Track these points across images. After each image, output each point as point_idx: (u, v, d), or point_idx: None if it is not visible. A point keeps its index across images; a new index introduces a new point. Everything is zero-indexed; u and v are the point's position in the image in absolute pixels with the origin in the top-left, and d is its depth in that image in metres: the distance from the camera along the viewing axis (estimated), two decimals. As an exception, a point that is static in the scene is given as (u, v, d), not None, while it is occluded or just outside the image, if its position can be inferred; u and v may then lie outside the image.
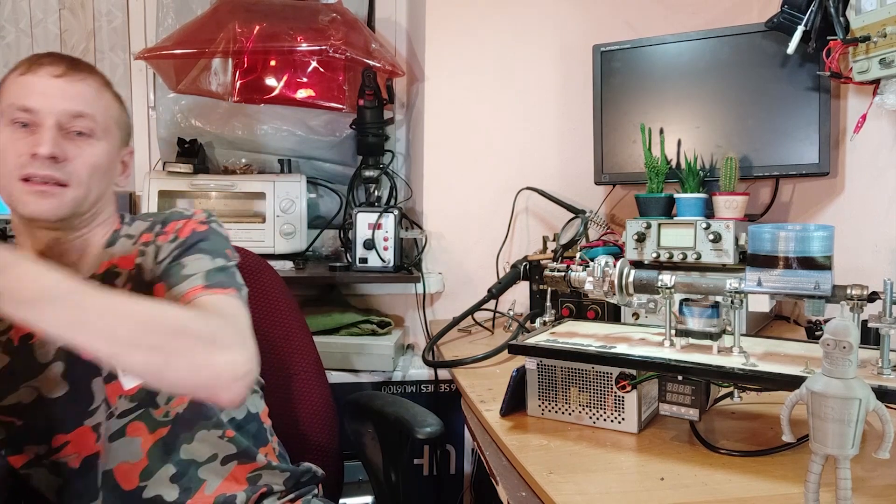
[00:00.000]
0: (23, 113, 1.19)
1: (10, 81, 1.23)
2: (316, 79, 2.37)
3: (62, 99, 1.21)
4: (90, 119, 1.24)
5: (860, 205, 1.91)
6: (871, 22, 1.65)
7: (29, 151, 1.18)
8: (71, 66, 1.25)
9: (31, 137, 1.19)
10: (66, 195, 1.21)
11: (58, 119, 1.20)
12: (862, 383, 0.84)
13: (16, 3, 2.56)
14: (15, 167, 1.18)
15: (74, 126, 1.22)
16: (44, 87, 1.21)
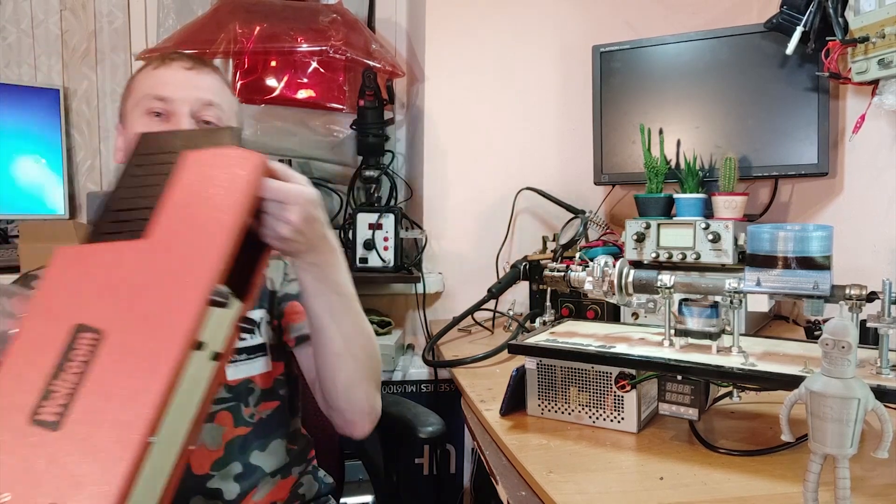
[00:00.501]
0: (158, 102, 1.27)
1: (143, 76, 1.32)
2: (316, 79, 2.37)
3: (194, 88, 1.30)
4: (218, 108, 1.32)
5: (859, 205, 1.92)
6: (869, 22, 1.65)
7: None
8: (199, 60, 1.34)
9: (167, 124, 1.27)
10: None
11: (191, 107, 1.28)
12: (861, 383, 0.84)
13: (17, 3, 2.56)
14: None
15: (205, 114, 1.30)
16: (177, 78, 1.29)
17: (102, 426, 0.79)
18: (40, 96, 2.48)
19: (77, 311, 0.84)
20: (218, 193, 0.92)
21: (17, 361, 0.82)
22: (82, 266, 0.88)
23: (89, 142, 2.63)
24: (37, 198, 2.46)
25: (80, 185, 2.63)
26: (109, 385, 0.81)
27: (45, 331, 0.84)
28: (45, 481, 0.76)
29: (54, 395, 0.80)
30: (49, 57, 2.60)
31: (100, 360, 0.82)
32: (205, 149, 0.96)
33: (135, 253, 0.88)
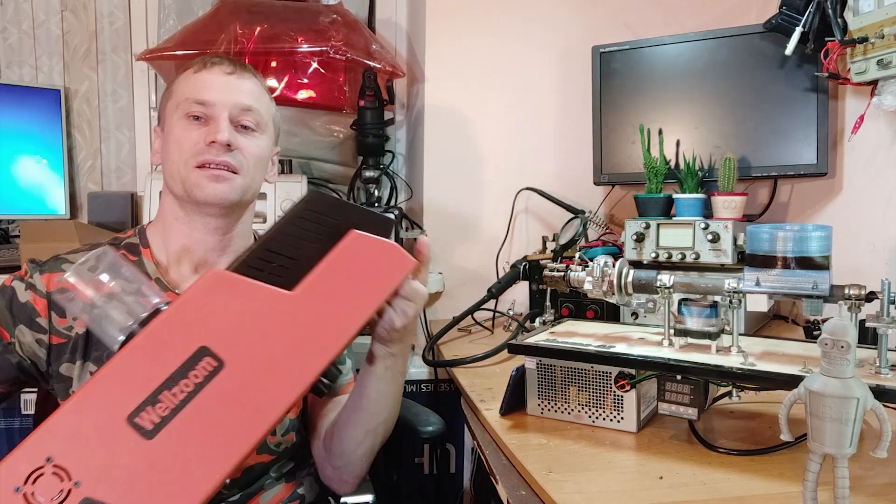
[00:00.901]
0: (198, 106, 1.28)
1: (183, 79, 1.33)
2: (317, 80, 2.37)
3: (234, 93, 1.31)
4: (256, 113, 1.33)
5: (858, 205, 1.92)
6: (868, 23, 1.66)
7: (205, 140, 1.26)
8: (240, 65, 1.35)
9: (206, 128, 1.28)
10: (237, 181, 1.29)
11: (230, 111, 1.29)
12: (860, 382, 0.85)
13: (18, 4, 2.56)
14: (191, 155, 1.26)
15: (243, 119, 1.31)
16: (218, 83, 1.30)
17: (192, 451, 0.84)
18: (41, 97, 2.48)
19: (208, 334, 0.88)
20: (367, 282, 1.00)
21: (136, 358, 0.86)
22: (228, 294, 0.92)
23: (90, 142, 2.64)
24: (38, 198, 2.46)
25: (80, 186, 2.63)
26: (212, 416, 0.85)
27: (172, 341, 0.87)
28: (118, 483, 0.80)
29: (159, 405, 0.83)
30: (50, 57, 2.61)
31: (212, 388, 0.86)
32: (370, 233, 1.03)
33: (280, 303, 0.93)
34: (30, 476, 0.79)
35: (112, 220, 2.45)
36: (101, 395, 0.84)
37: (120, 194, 2.56)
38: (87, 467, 0.81)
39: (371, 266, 1.01)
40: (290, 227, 1.01)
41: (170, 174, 1.30)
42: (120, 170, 2.67)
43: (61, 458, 0.80)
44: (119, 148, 2.67)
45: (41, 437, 0.81)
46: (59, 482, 0.80)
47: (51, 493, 0.79)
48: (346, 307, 0.98)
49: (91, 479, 0.80)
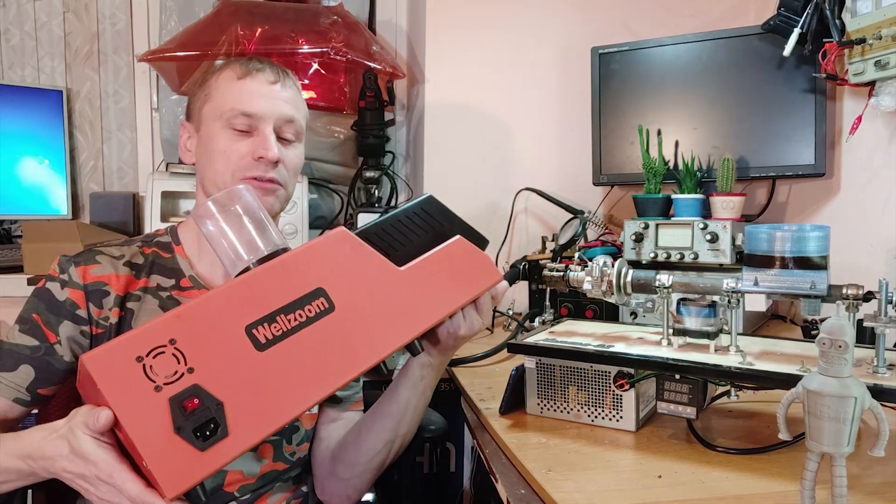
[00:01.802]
0: (244, 118, 1.28)
1: (226, 83, 1.31)
2: (317, 81, 2.38)
3: (278, 105, 1.31)
4: (297, 124, 1.34)
5: (856, 205, 1.92)
6: (866, 24, 1.66)
7: (252, 154, 1.28)
8: (282, 72, 1.34)
9: (251, 140, 1.29)
10: (281, 194, 1.33)
11: (274, 124, 1.30)
12: (857, 382, 0.84)
13: (21, 5, 2.57)
14: (239, 168, 1.28)
15: (286, 131, 1.32)
16: (263, 93, 1.30)
17: (291, 374, 0.94)
18: (43, 97, 2.49)
19: (326, 279, 1.00)
20: (460, 281, 1.15)
21: (265, 280, 0.97)
22: (350, 252, 1.05)
23: (92, 143, 2.64)
24: (40, 198, 2.47)
25: (82, 186, 2.64)
26: (314, 348, 0.97)
27: (296, 275, 0.99)
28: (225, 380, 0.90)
29: (275, 324, 0.94)
30: (52, 58, 2.61)
31: (319, 325, 0.98)
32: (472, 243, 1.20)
33: (389, 274, 1.07)
34: (152, 350, 0.87)
35: (114, 221, 2.46)
36: (230, 300, 0.94)
37: (121, 195, 2.57)
38: (203, 358, 0.89)
39: (466, 269, 1.16)
40: (405, 217, 1.16)
41: (212, 182, 1.30)
42: (122, 170, 2.68)
43: (183, 343, 0.89)
44: (121, 148, 2.68)
45: (170, 320, 0.90)
46: (175, 363, 0.88)
47: (166, 371, 0.87)
48: (439, 296, 1.12)
49: (203, 370, 0.89)
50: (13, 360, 1.21)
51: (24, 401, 1.20)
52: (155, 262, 1.32)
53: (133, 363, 0.85)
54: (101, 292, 1.25)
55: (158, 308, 1.28)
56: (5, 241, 2.53)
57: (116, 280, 1.26)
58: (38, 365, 1.21)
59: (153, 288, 1.29)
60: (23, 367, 1.20)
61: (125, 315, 1.26)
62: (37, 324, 1.22)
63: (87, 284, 1.24)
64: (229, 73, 1.31)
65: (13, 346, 1.22)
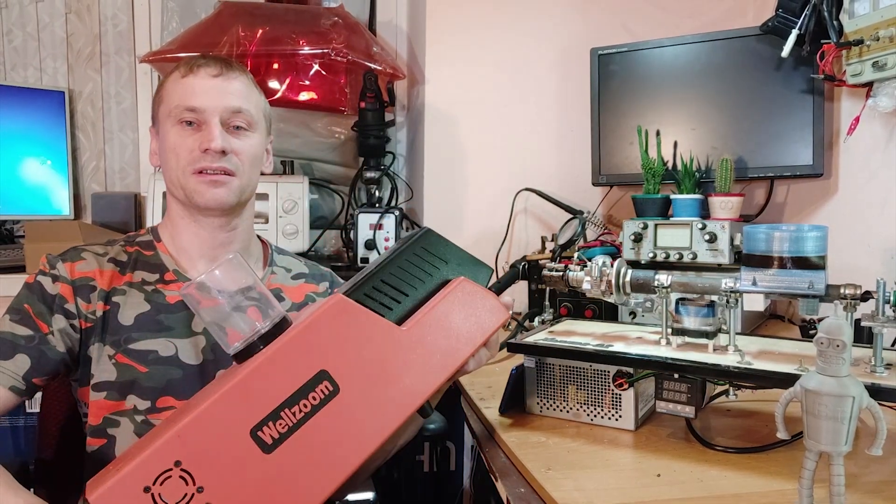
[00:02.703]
0: (189, 112, 1.30)
1: (172, 83, 1.34)
2: (318, 82, 2.39)
3: (223, 96, 1.32)
4: (246, 114, 1.35)
5: (854, 205, 1.93)
6: (864, 26, 1.67)
7: (200, 147, 1.29)
8: (225, 65, 1.36)
9: (199, 134, 1.30)
10: (234, 183, 1.33)
11: (221, 115, 1.31)
12: (855, 381, 0.85)
13: (23, 7, 2.58)
14: (188, 162, 1.30)
15: (234, 121, 1.33)
16: (205, 87, 1.32)
17: (303, 469, 0.91)
18: (46, 98, 2.49)
19: (328, 359, 0.95)
20: (468, 328, 1.08)
21: (263, 377, 0.91)
22: (351, 324, 0.98)
23: (94, 143, 2.65)
24: (42, 198, 2.47)
25: (84, 186, 2.64)
26: (323, 437, 0.92)
27: (296, 362, 0.93)
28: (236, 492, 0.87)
29: (279, 421, 0.90)
30: (54, 59, 2.62)
31: (327, 411, 0.93)
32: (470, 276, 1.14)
33: (393, 337, 1.00)
34: (158, 477, 0.84)
35: (116, 221, 2.46)
36: (231, 406, 0.89)
37: (123, 195, 2.57)
38: (211, 475, 0.86)
39: (473, 313, 1.10)
40: (403, 261, 1.09)
41: (170, 180, 1.34)
42: (123, 171, 2.68)
43: (188, 463, 0.85)
44: (122, 149, 2.68)
45: (171, 442, 0.86)
46: (184, 485, 0.85)
47: (176, 495, 0.84)
48: (449, 348, 1.05)
49: (213, 487, 0.86)
50: (9, 349, 1.23)
51: (19, 389, 1.22)
52: (138, 259, 1.36)
53: (141, 495, 0.84)
54: (88, 287, 1.28)
55: (144, 301, 1.31)
56: (8, 241, 2.53)
57: (101, 275, 1.30)
58: (33, 354, 1.23)
59: (138, 283, 1.33)
60: (19, 355, 1.23)
61: (111, 309, 1.29)
62: (28, 314, 1.25)
63: (75, 280, 1.28)
64: (176, 73, 1.34)
65: (7, 334, 1.24)
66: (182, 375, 1.29)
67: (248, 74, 1.40)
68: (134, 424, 1.26)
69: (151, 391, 1.27)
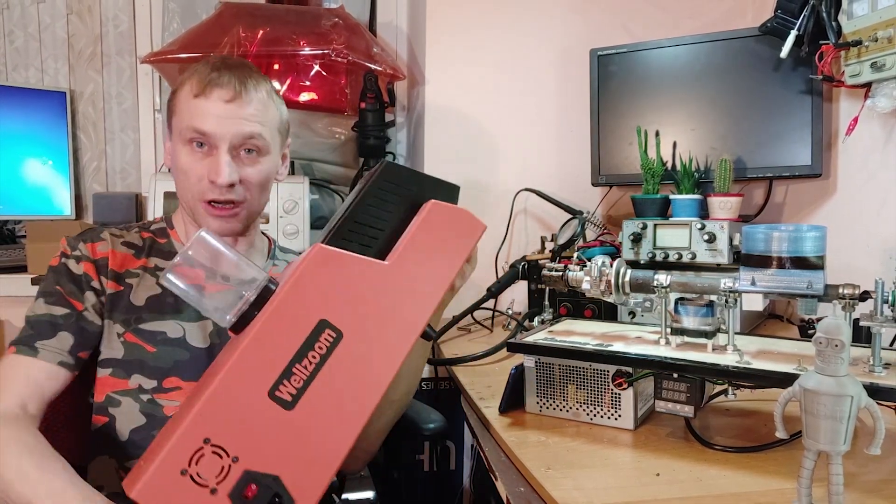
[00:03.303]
0: (198, 135, 1.29)
1: (184, 100, 1.31)
2: (318, 82, 2.39)
3: (234, 123, 1.29)
4: (259, 138, 1.32)
5: (852, 206, 1.93)
6: (862, 27, 1.67)
7: (208, 176, 1.29)
8: (240, 85, 1.31)
9: (208, 160, 1.30)
10: (242, 212, 1.35)
11: (231, 142, 1.29)
12: (854, 381, 0.86)
13: (24, 8, 2.58)
14: (198, 191, 1.31)
15: (246, 145, 1.32)
16: (217, 112, 1.29)
17: (326, 418, 0.93)
18: (47, 99, 2.50)
19: (324, 308, 0.96)
20: (449, 247, 1.10)
21: (267, 339, 0.93)
22: (334, 269, 0.99)
23: (95, 144, 2.65)
24: (44, 198, 2.48)
25: (86, 187, 2.65)
26: (339, 382, 0.94)
27: (294, 318, 0.94)
28: (270, 453, 0.89)
29: (293, 377, 0.92)
30: (56, 60, 2.62)
31: (335, 357, 0.95)
32: (441, 199, 1.13)
33: (379, 273, 1.02)
34: (192, 458, 0.85)
35: (117, 221, 2.46)
36: (242, 375, 0.90)
37: (124, 195, 2.58)
38: (242, 444, 0.88)
39: (451, 232, 1.11)
40: (371, 198, 1.07)
41: (181, 195, 1.36)
42: (125, 171, 2.69)
43: (217, 437, 0.87)
44: (124, 149, 2.68)
45: (195, 422, 0.87)
46: (219, 460, 0.87)
47: (213, 470, 0.86)
48: (435, 271, 1.07)
49: (247, 453, 0.88)
50: (50, 328, 1.26)
51: (68, 364, 1.25)
52: (153, 245, 1.39)
53: (179, 478, 0.85)
54: (105, 266, 1.32)
55: (156, 285, 1.34)
56: (9, 242, 2.54)
57: (113, 256, 1.33)
58: (74, 330, 1.27)
59: (152, 268, 1.36)
60: (61, 333, 1.26)
61: (124, 289, 1.32)
62: (62, 294, 1.29)
63: (97, 259, 1.32)
64: (188, 86, 1.31)
65: (45, 316, 1.27)
66: (189, 357, 1.31)
67: (265, 87, 1.37)
68: (139, 403, 1.29)
69: (158, 371, 1.29)
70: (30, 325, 1.28)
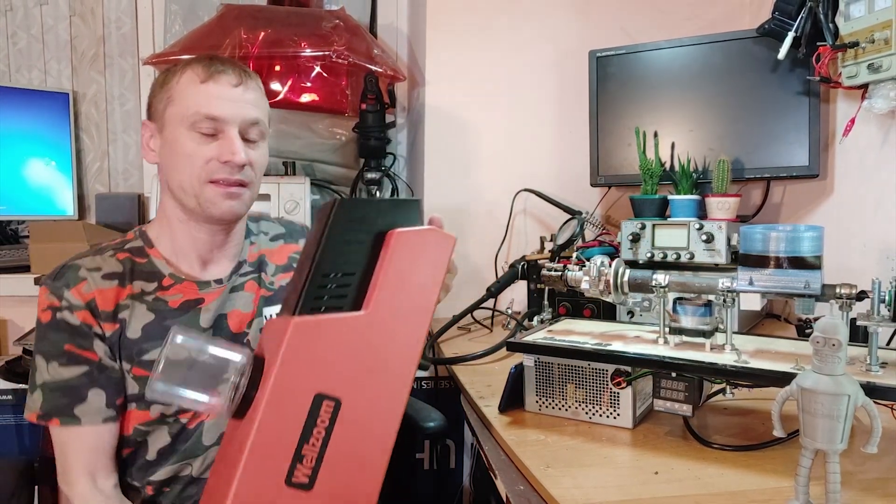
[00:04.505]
0: (208, 122, 1.26)
1: (189, 86, 1.28)
2: (319, 84, 2.40)
3: (242, 107, 1.30)
4: (261, 124, 1.34)
5: (849, 206, 1.93)
6: (859, 28, 1.67)
7: (218, 157, 1.27)
8: (243, 73, 1.32)
9: (216, 143, 1.28)
10: (246, 195, 1.33)
11: (239, 127, 1.29)
12: (851, 380, 0.87)
13: (28, 10, 2.59)
14: (205, 172, 1.27)
15: (250, 133, 1.32)
16: (226, 96, 1.28)
17: (347, 480, 0.93)
18: (50, 100, 2.50)
19: (316, 381, 0.93)
20: (425, 272, 1.04)
21: (270, 430, 0.90)
22: (315, 341, 0.95)
23: (98, 144, 2.66)
24: (47, 199, 2.48)
25: (88, 187, 2.66)
26: (350, 446, 0.94)
27: (290, 402, 0.92)
28: None
29: (305, 459, 0.90)
30: (59, 62, 2.63)
31: (340, 423, 0.93)
32: (402, 220, 1.05)
33: (360, 326, 0.97)
34: None
35: (119, 221, 2.48)
36: (256, 474, 0.89)
37: (127, 195, 2.59)
38: None
39: (421, 258, 1.05)
40: (333, 244, 0.99)
41: (179, 186, 1.30)
42: (127, 171, 2.69)
43: None
44: (126, 150, 2.69)
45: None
46: None
47: None
48: (415, 304, 1.02)
49: None
50: (78, 392, 1.23)
51: (112, 417, 1.26)
52: (133, 268, 1.32)
53: None
54: (97, 309, 1.26)
55: (148, 312, 1.29)
56: (12, 242, 2.55)
57: (101, 295, 1.26)
58: (102, 383, 1.25)
59: (138, 294, 1.30)
60: (91, 392, 1.24)
61: (120, 326, 1.27)
62: (74, 353, 1.24)
63: (88, 303, 1.25)
64: (191, 74, 1.29)
65: (66, 381, 1.23)
66: None
67: (260, 82, 1.38)
68: (167, 426, 1.30)
69: None
70: (55, 390, 1.23)
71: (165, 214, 1.36)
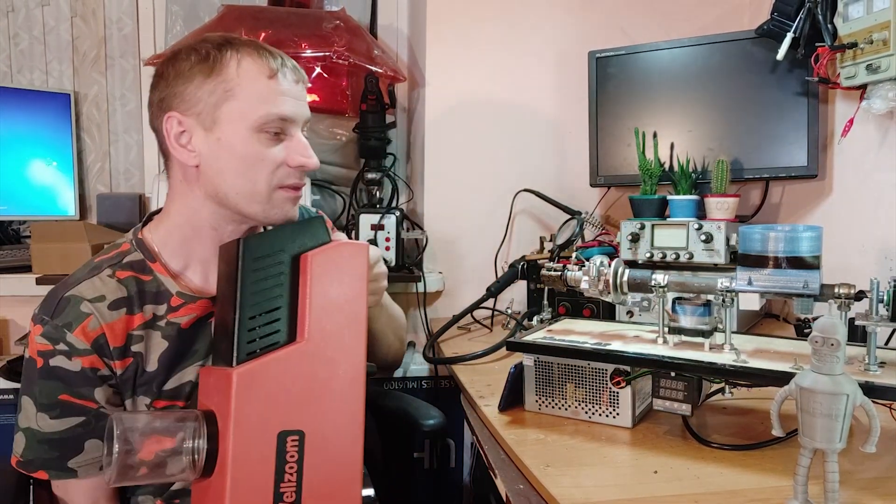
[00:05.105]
0: (279, 122, 1.16)
1: (257, 83, 1.15)
2: (320, 84, 2.40)
3: (304, 106, 1.22)
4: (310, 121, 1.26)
5: (848, 206, 1.94)
6: (858, 29, 1.67)
7: (290, 161, 1.18)
8: (298, 68, 1.23)
9: (282, 145, 1.17)
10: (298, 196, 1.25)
11: (301, 126, 1.22)
12: (849, 379, 0.87)
13: (29, 10, 2.59)
14: (277, 178, 1.17)
15: (304, 130, 1.24)
16: (292, 94, 1.18)
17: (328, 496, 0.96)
18: (52, 100, 2.50)
19: (275, 422, 0.95)
20: (347, 287, 1.06)
21: (244, 475, 0.92)
22: (261, 384, 0.96)
23: (99, 145, 2.66)
24: (48, 199, 2.48)
25: (90, 187, 2.65)
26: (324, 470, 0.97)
27: (255, 447, 0.94)
28: None
29: (285, 495, 0.93)
30: (60, 62, 2.63)
31: (309, 452, 0.96)
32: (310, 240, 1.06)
33: (302, 356, 1.00)
34: None
35: (120, 221, 2.47)
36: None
37: (128, 196, 2.58)
38: None
39: (340, 274, 1.06)
40: (250, 285, 1.00)
41: (238, 192, 1.17)
42: (128, 172, 2.69)
43: None
44: (127, 150, 2.69)
45: None
46: None
47: None
48: (348, 318, 1.05)
49: None
50: (73, 444, 1.15)
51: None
52: (140, 289, 1.19)
53: None
54: (106, 346, 1.15)
55: (162, 340, 1.20)
56: (14, 242, 2.55)
57: (110, 330, 1.15)
58: (99, 433, 1.13)
59: (150, 320, 1.19)
60: (87, 443, 1.15)
61: (133, 360, 1.18)
62: (69, 403, 1.13)
63: (93, 343, 1.14)
64: (253, 66, 1.15)
65: (61, 433, 1.14)
66: None
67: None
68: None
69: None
70: (42, 443, 1.13)
71: (188, 222, 1.23)
